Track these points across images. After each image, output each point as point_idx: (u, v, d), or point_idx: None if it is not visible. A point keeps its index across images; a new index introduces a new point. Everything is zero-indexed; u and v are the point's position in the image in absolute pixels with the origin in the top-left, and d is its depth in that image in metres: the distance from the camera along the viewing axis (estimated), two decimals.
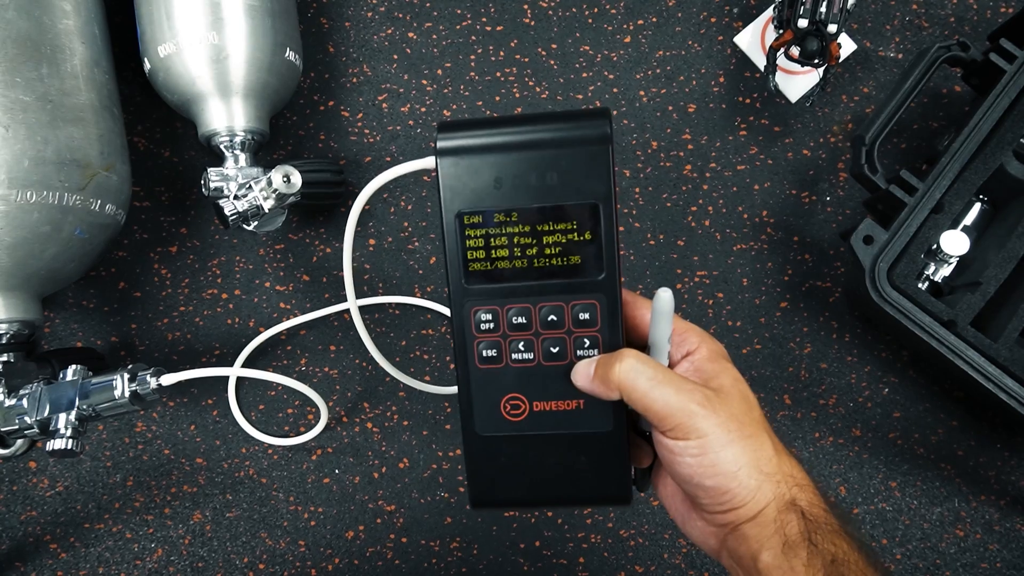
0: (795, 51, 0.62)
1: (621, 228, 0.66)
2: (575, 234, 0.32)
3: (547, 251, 0.33)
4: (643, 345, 0.35)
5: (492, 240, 0.33)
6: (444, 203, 0.33)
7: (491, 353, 0.34)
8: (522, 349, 0.34)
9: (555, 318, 0.33)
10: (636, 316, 0.35)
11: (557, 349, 0.34)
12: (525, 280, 0.33)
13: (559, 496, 0.36)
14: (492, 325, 0.34)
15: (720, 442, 0.30)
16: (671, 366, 0.34)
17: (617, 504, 0.35)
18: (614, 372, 0.31)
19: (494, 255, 0.33)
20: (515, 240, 0.33)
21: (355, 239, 0.65)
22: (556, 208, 0.32)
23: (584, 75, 0.68)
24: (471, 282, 0.33)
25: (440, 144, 0.32)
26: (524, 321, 0.33)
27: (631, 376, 0.31)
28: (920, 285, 0.58)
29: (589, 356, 0.33)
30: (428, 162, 0.34)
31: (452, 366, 0.63)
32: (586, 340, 0.33)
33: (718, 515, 0.31)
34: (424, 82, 0.67)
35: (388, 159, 0.66)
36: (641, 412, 0.31)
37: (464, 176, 0.32)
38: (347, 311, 0.64)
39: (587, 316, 0.33)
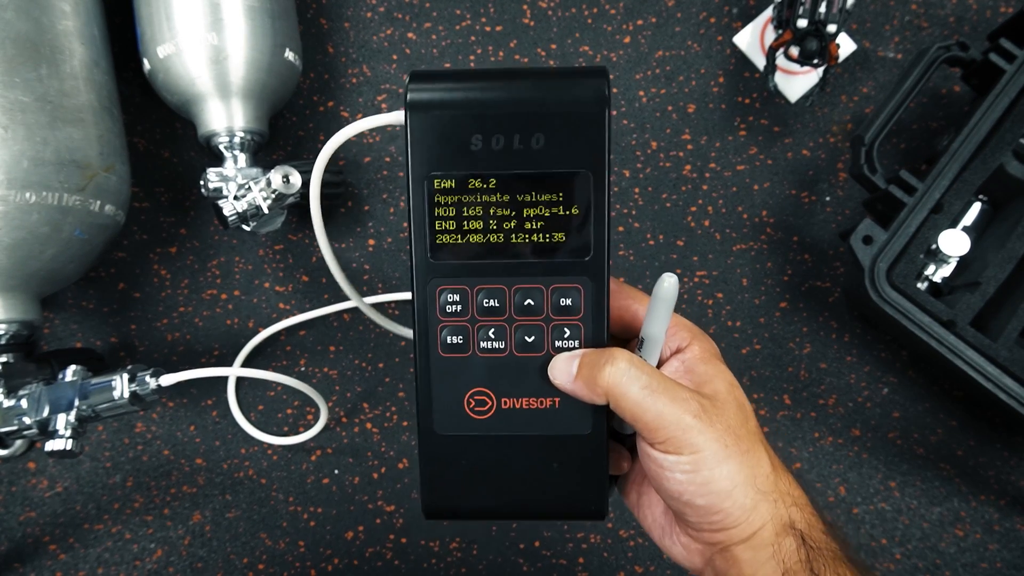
0: (794, 51, 0.62)
1: (620, 228, 0.66)
2: (560, 207, 0.29)
3: (527, 225, 0.29)
4: (627, 339, 0.32)
5: (465, 209, 0.29)
6: (412, 164, 0.28)
7: (456, 340, 0.30)
8: (492, 337, 0.30)
9: (532, 303, 0.29)
10: (622, 307, 0.31)
11: (533, 339, 0.30)
12: (500, 257, 0.29)
13: (525, 507, 0.32)
14: (459, 308, 0.30)
15: (715, 458, 0.27)
16: (659, 364, 0.31)
17: (591, 518, 0.31)
18: (603, 375, 0.28)
19: (466, 227, 0.29)
20: (491, 211, 0.29)
21: (354, 240, 0.65)
22: (541, 176, 0.28)
23: None
24: (437, 257, 0.29)
25: (411, 96, 0.28)
26: (496, 304, 0.30)
27: (622, 382, 0.28)
28: (920, 285, 0.58)
29: (569, 348, 0.30)
30: (397, 116, 0.29)
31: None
32: (566, 330, 0.30)
33: (707, 533, 0.29)
34: None
35: (387, 159, 0.66)
36: (628, 421, 0.28)
37: (437, 134, 0.28)
38: (347, 311, 0.64)
39: (569, 302, 0.29)
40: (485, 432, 0.31)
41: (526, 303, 0.30)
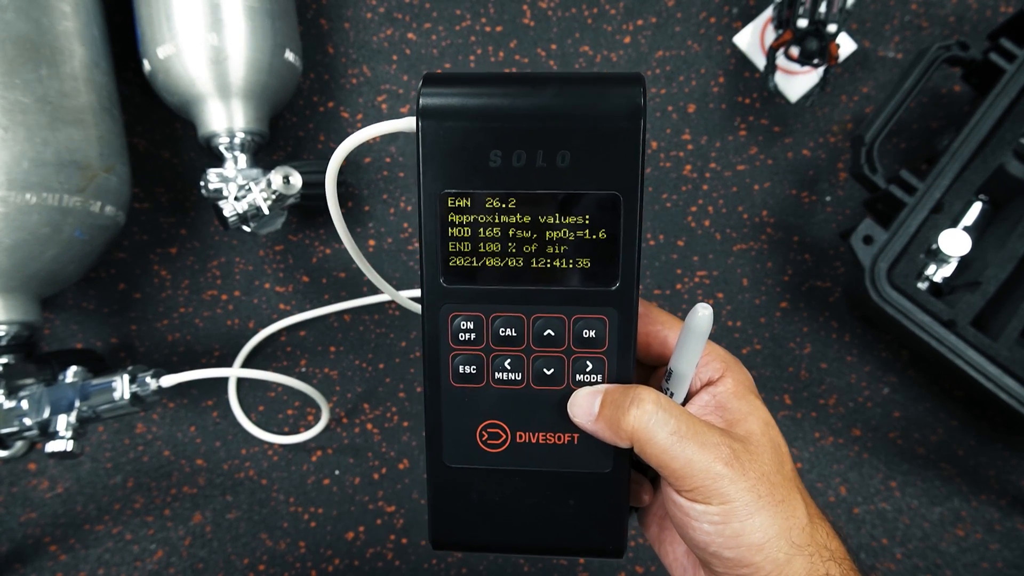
0: (795, 51, 0.62)
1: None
2: (587, 231, 0.26)
3: (549, 249, 0.27)
4: (653, 367, 0.31)
5: (481, 230, 0.27)
6: (423, 178, 0.26)
7: (470, 370, 0.28)
8: (508, 368, 0.28)
9: (552, 333, 0.28)
10: (649, 333, 0.29)
11: (552, 371, 0.28)
12: (519, 283, 0.27)
13: (538, 543, 0.30)
14: (473, 336, 0.28)
15: (747, 509, 0.25)
16: (688, 396, 0.29)
17: (608, 556, 0.30)
18: (628, 418, 0.26)
19: (482, 249, 0.27)
20: (510, 232, 0.27)
21: (355, 240, 0.65)
22: (566, 197, 0.26)
23: None
24: (450, 281, 0.27)
25: (424, 101, 0.26)
26: (513, 334, 0.28)
27: (649, 427, 0.26)
28: (920, 285, 0.58)
29: (591, 383, 0.28)
30: (408, 123, 0.27)
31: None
32: (588, 363, 0.28)
33: None
34: None
35: (388, 159, 0.66)
36: (653, 467, 0.27)
37: (452, 146, 0.26)
38: (347, 312, 0.64)
39: (593, 334, 0.27)
40: (498, 466, 0.29)
41: (546, 333, 0.28)
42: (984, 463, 0.63)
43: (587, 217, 0.26)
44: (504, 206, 0.26)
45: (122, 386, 0.50)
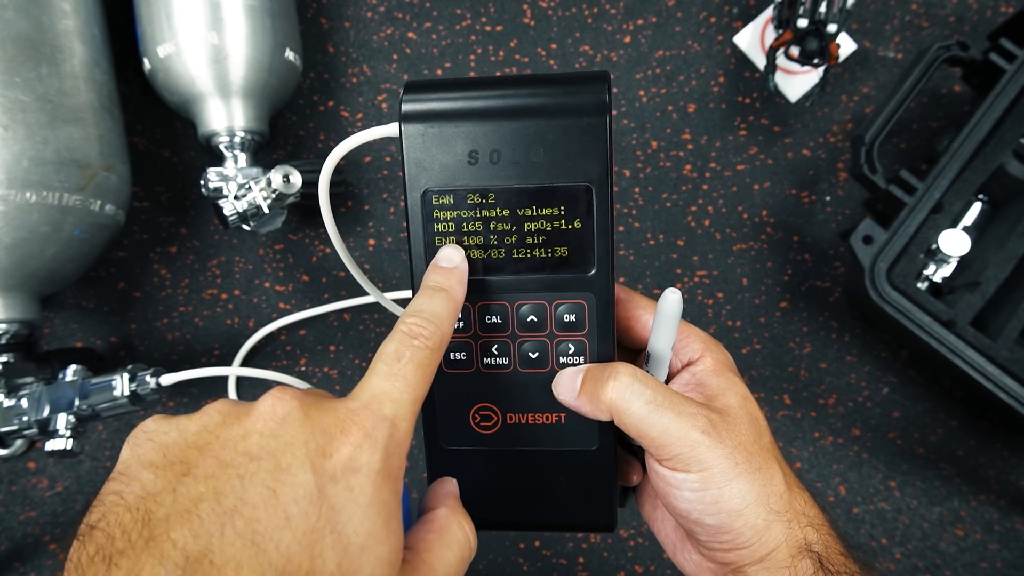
0: (795, 51, 0.62)
1: (621, 228, 0.66)
2: (562, 221, 0.28)
3: (528, 240, 0.28)
4: (637, 351, 0.32)
5: (464, 225, 0.28)
6: (408, 179, 0.28)
7: (460, 356, 0.30)
8: (496, 353, 0.30)
9: (535, 319, 0.29)
10: (631, 317, 0.31)
11: (536, 355, 0.29)
12: (501, 273, 0.29)
13: (533, 519, 0.32)
14: (462, 324, 0.29)
15: (725, 476, 0.26)
16: (669, 377, 0.31)
17: (600, 531, 0.31)
18: (606, 391, 0.27)
19: (466, 243, 0.29)
20: (491, 226, 0.28)
21: (355, 239, 0.65)
22: (541, 190, 0.28)
23: None
24: None
25: (405, 107, 0.28)
26: (499, 321, 0.29)
27: (626, 397, 0.27)
28: (920, 285, 0.58)
29: (574, 364, 0.29)
30: (391, 128, 0.29)
31: None
32: (571, 346, 0.29)
33: (718, 552, 0.28)
34: None
35: (387, 159, 0.66)
36: (634, 437, 0.28)
37: (433, 147, 0.28)
38: (347, 311, 0.64)
39: (573, 318, 0.29)
40: (491, 447, 0.31)
41: (529, 319, 0.29)
42: (983, 463, 0.63)
43: (562, 208, 0.28)
44: (484, 201, 0.28)
45: (122, 385, 0.50)
